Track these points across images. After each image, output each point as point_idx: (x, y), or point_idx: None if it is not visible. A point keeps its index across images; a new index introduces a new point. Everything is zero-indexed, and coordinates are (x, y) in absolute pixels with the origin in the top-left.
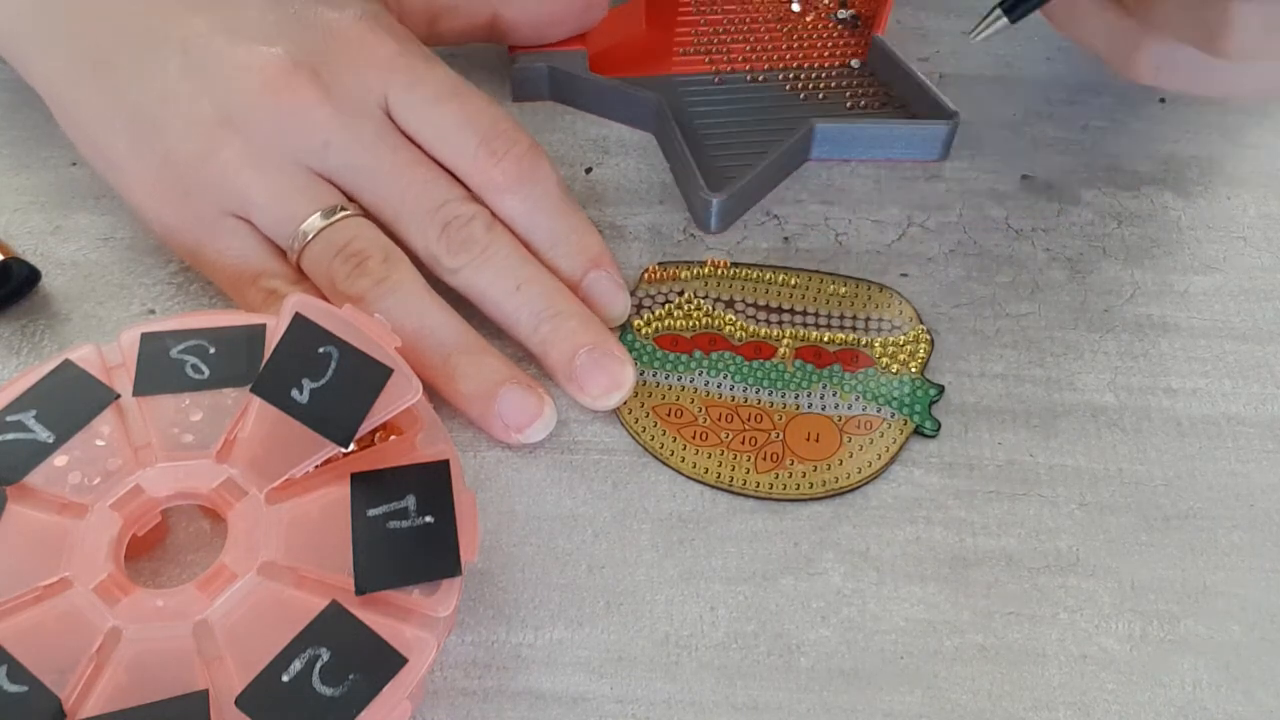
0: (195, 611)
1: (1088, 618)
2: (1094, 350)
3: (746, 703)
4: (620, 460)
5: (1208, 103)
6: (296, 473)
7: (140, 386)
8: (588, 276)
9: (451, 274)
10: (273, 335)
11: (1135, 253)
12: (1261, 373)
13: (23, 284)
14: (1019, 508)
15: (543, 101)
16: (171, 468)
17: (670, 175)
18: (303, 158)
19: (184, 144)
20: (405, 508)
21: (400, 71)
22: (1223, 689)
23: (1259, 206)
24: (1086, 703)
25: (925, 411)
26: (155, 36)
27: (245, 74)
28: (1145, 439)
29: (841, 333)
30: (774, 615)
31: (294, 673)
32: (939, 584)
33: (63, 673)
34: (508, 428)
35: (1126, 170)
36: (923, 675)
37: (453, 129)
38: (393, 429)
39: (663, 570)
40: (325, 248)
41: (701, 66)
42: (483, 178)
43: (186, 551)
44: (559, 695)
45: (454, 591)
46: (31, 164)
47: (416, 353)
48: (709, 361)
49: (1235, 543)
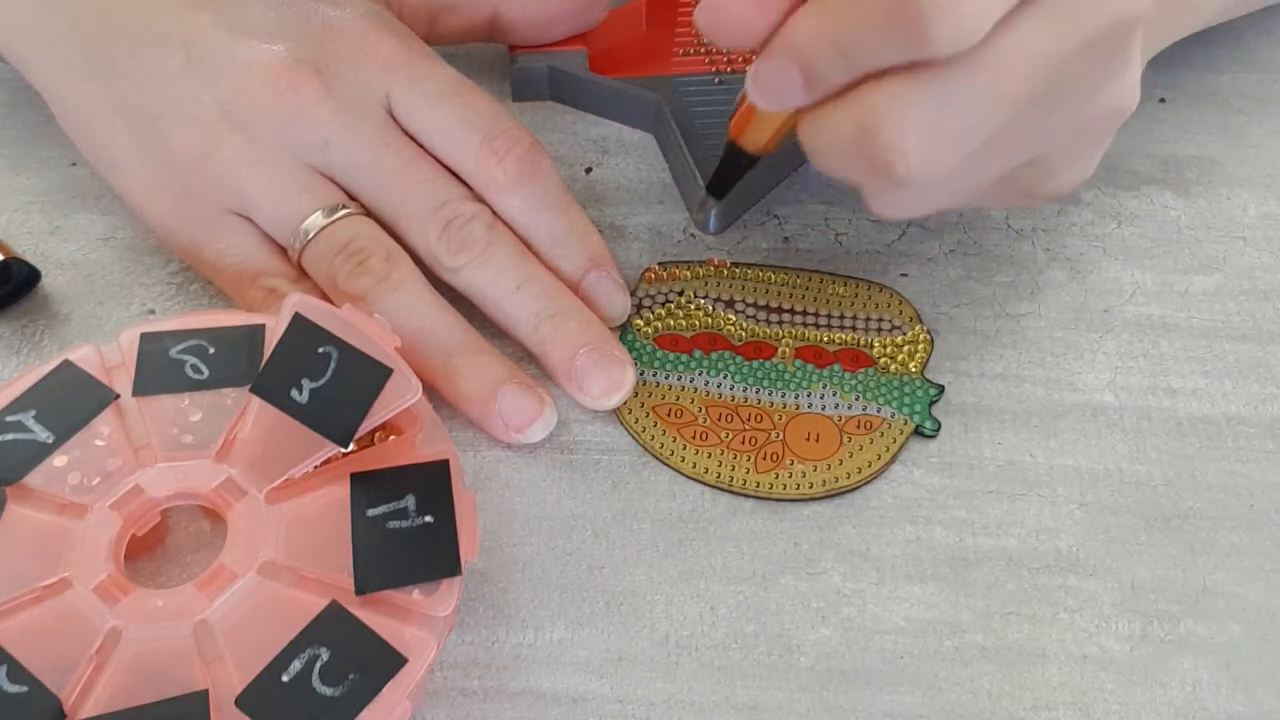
0: (195, 611)
1: (1088, 618)
2: (1094, 350)
3: (746, 703)
4: (620, 460)
5: (1208, 102)
6: (296, 473)
7: (140, 387)
8: (588, 276)
9: (452, 273)
10: (272, 335)
11: (1135, 253)
12: (1261, 373)
13: (23, 284)
14: (1019, 508)
15: (543, 101)
16: (171, 468)
17: (670, 175)
18: (304, 156)
19: (185, 142)
20: (405, 508)
21: (402, 69)
22: (1223, 689)
23: (1259, 206)
24: (1086, 703)
25: (925, 411)
26: (156, 34)
27: (247, 71)
28: (1145, 439)
29: (841, 333)
30: (774, 615)
31: (294, 673)
32: (939, 584)
33: (62, 673)
34: (508, 428)
35: (1126, 170)
36: (923, 675)
37: (454, 127)
38: (392, 429)
39: (663, 570)
40: (326, 246)
41: (701, 67)
42: (484, 177)
43: (186, 551)
44: (559, 695)
45: (454, 591)
46: (31, 164)
47: (417, 352)
48: (709, 361)
49: (1235, 543)
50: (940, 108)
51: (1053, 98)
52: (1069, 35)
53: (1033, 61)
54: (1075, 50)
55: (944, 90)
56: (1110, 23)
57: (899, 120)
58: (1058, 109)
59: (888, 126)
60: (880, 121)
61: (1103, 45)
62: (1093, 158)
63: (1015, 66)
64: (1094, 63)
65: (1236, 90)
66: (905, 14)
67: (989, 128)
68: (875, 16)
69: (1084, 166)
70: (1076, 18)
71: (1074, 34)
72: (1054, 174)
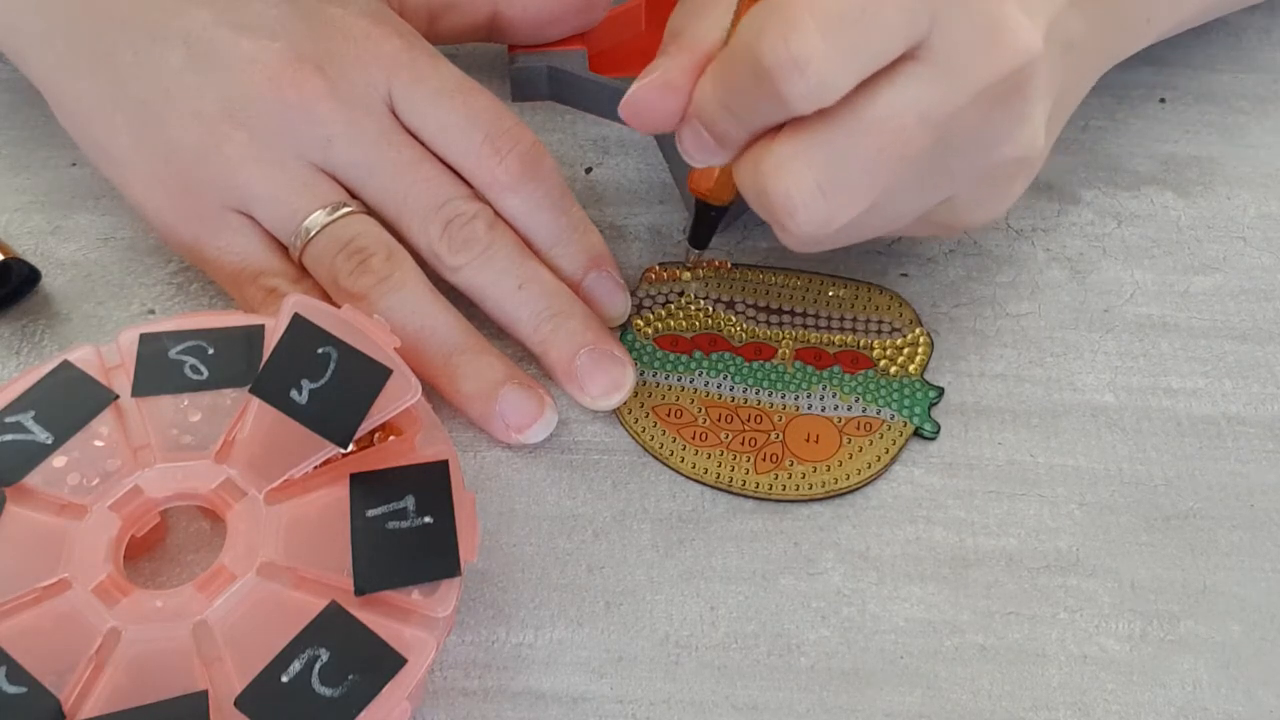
0: (194, 612)
1: (1088, 618)
2: (1094, 350)
3: (746, 703)
4: (620, 460)
5: (1208, 102)
6: (295, 473)
7: (139, 387)
8: (588, 276)
9: (453, 272)
10: (272, 336)
11: (1135, 253)
12: (1261, 373)
13: (23, 284)
14: (1019, 508)
15: (542, 101)
16: (170, 468)
17: (670, 175)
18: (306, 153)
19: (186, 138)
20: (404, 508)
21: (404, 67)
22: (1223, 689)
23: (1259, 206)
24: (1086, 703)
25: (925, 413)
26: (158, 29)
27: (249, 68)
28: (1145, 439)
29: (841, 334)
30: (774, 615)
31: (293, 673)
32: (939, 584)
33: (62, 674)
34: (508, 428)
35: (1126, 170)
36: (923, 675)
37: (456, 126)
38: (392, 429)
39: (663, 570)
40: (328, 244)
41: None
42: (485, 175)
43: (186, 552)
44: (559, 695)
45: (453, 592)
46: (31, 164)
47: (418, 352)
48: (709, 362)
49: (1235, 543)
50: (826, 167)
51: (948, 150)
52: (956, 91)
53: (920, 118)
54: (965, 105)
55: (830, 151)
56: (999, 75)
57: (785, 182)
58: (955, 160)
59: (775, 187)
60: (768, 183)
61: (995, 97)
62: (1005, 198)
63: (902, 124)
64: (988, 115)
65: (1236, 90)
66: (761, 75)
67: (880, 184)
68: (742, 79)
69: (998, 205)
70: (963, 73)
71: (961, 89)
72: (968, 212)
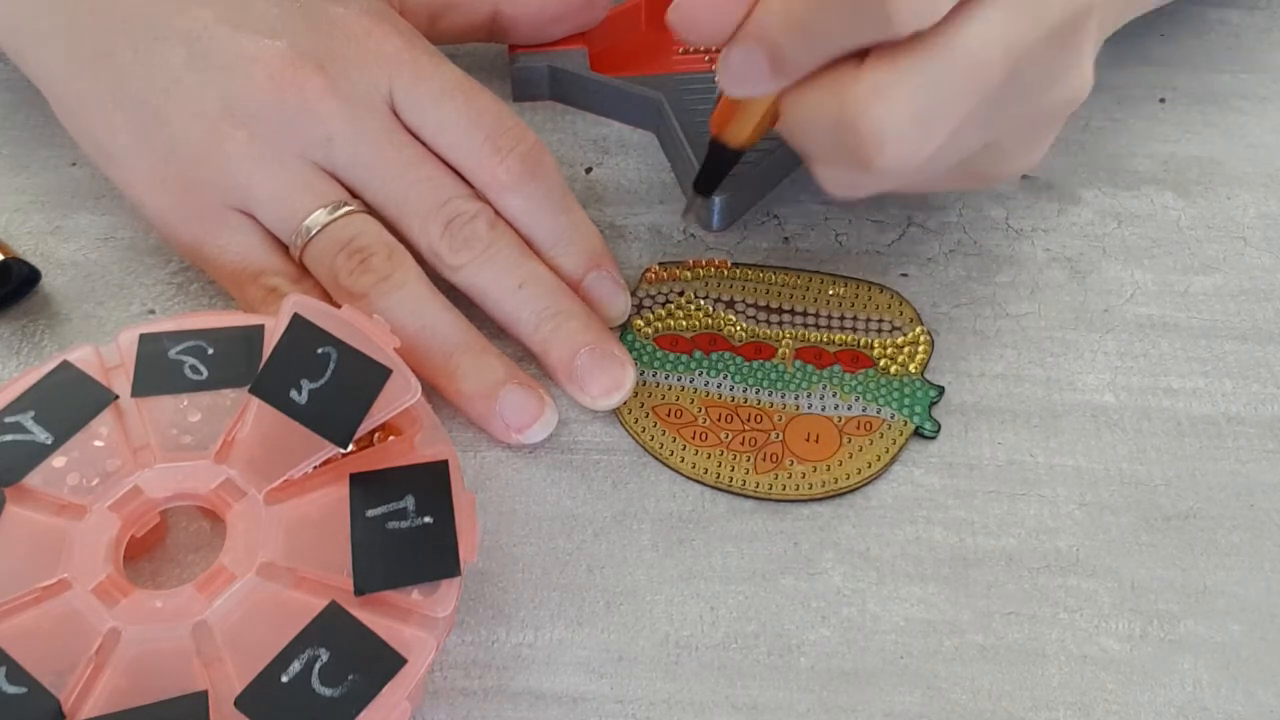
0: (194, 612)
1: (1088, 618)
2: (1094, 350)
3: (746, 703)
4: (620, 460)
5: (1208, 102)
6: (295, 473)
7: (139, 387)
8: (589, 276)
9: (453, 272)
10: (271, 336)
11: (1135, 253)
12: (1261, 373)
13: (23, 284)
14: (1019, 508)
15: (543, 101)
16: (170, 469)
17: (671, 175)
18: (307, 152)
19: (186, 137)
20: (404, 508)
21: (405, 67)
22: (1223, 689)
23: (1259, 206)
24: (1086, 703)
25: (925, 413)
26: (158, 27)
27: (250, 66)
28: (1145, 439)
29: (841, 333)
30: (774, 615)
31: (293, 673)
32: (939, 584)
33: (62, 674)
34: (508, 428)
35: (1126, 170)
36: (923, 675)
37: (457, 125)
38: (392, 429)
39: (663, 570)
40: (329, 244)
41: (702, 66)
42: (486, 175)
43: (185, 552)
44: (559, 695)
45: (453, 592)
46: (31, 164)
47: (418, 351)
48: (709, 362)
49: (1235, 543)
50: (918, 99)
51: (1014, 87)
52: (1036, 24)
53: (1003, 50)
54: (1041, 39)
55: (923, 81)
56: (1072, 11)
57: (879, 113)
58: (1015, 99)
59: (868, 118)
60: (861, 113)
61: (1063, 36)
62: (1043, 144)
63: (989, 56)
64: (1054, 52)
65: (1236, 90)
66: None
67: (959, 118)
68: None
69: (1035, 153)
70: (1041, 7)
71: (1040, 23)
72: (1006, 160)
